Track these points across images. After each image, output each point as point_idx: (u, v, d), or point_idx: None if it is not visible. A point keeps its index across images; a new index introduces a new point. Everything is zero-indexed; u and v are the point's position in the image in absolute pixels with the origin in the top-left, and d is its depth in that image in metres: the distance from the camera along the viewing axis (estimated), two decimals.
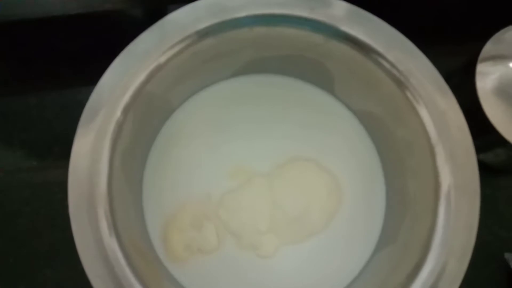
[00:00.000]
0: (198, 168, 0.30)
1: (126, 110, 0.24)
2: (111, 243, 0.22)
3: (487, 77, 0.30)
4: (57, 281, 0.32)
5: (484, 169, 0.25)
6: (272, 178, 0.30)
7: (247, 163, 0.30)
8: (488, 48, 0.30)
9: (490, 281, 0.33)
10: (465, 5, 0.38)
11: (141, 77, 0.24)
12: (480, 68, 0.30)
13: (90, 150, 0.23)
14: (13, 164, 0.34)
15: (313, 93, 0.32)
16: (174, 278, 0.28)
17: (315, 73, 0.30)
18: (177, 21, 0.25)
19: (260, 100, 0.32)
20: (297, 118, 0.31)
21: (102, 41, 0.36)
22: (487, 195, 0.24)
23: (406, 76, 0.25)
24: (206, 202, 0.30)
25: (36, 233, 0.32)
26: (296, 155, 0.31)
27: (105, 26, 0.37)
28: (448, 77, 0.25)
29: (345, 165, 0.31)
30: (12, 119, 0.35)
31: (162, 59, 0.24)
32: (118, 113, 0.23)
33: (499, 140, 0.29)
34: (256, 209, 0.30)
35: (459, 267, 0.23)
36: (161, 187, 0.30)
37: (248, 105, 0.31)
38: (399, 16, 0.26)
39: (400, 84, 0.25)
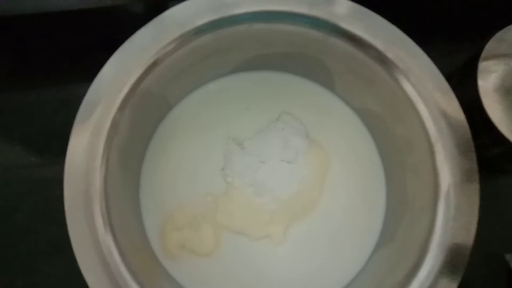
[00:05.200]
0: (196, 166, 0.30)
1: (123, 106, 0.24)
2: (107, 240, 0.22)
3: (489, 76, 0.30)
4: (55, 277, 0.32)
5: (484, 167, 0.25)
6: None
7: None
8: (490, 46, 0.30)
9: (490, 281, 0.33)
10: (467, 4, 0.37)
11: (138, 73, 0.24)
12: (482, 66, 0.30)
13: (87, 146, 0.23)
14: (12, 159, 0.34)
15: (313, 90, 0.32)
16: (170, 275, 0.28)
17: (315, 70, 0.30)
18: (175, 16, 0.25)
19: (259, 97, 0.31)
20: (296, 115, 0.31)
21: (102, 36, 0.36)
22: (487, 194, 0.24)
23: (406, 74, 0.25)
24: (204, 202, 0.29)
25: (34, 229, 0.32)
26: None
27: (105, 21, 0.37)
28: (450, 76, 0.25)
29: (345, 162, 0.31)
30: (11, 114, 0.35)
31: (160, 55, 0.24)
32: (115, 109, 0.23)
33: (500, 138, 0.29)
34: (254, 204, 0.29)
35: (457, 267, 0.23)
36: (158, 185, 0.29)
37: (247, 102, 0.31)
38: (401, 14, 0.26)
39: (400, 82, 0.25)
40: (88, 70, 0.25)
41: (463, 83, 0.29)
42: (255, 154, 0.30)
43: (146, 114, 0.27)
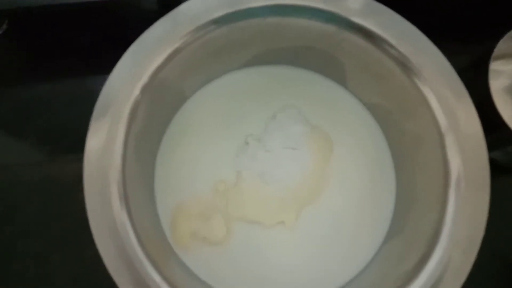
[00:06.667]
0: (209, 157, 0.30)
1: (141, 95, 0.24)
2: (124, 223, 0.22)
3: (500, 75, 0.30)
4: (66, 266, 0.32)
5: (494, 166, 0.25)
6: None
7: None
8: (501, 46, 0.30)
9: (494, 279, 0.33)
10: (479, 3, 0.38)
11: (156, 64, 0.24)
12: (494, 66, 0.30)
13: (107, 131, 0.23)
14: (25, 153, 0.35)
15: (324, 85, 0.32)
16: (183, 262, 0.28)
17: (327, 65, 0.31)
18: (190, 10, 0.25)
19: (271, 91, 0.32)
20: (308, 109, 0.32)
21: (114, 31, 0.36)
22: (496, 193, 0.24)
23: (418, 69, 0.25)
24: (215, 192, 0.30)
25: (46, 221, 0.33)
26: None
27: (117, 16, 0.37)
28: (461, 74, 0.25)
29: (356, 156, 0.31)
30: (23, 108, 0.36)
31: (177, 46, 0.25)
32: (133, 96, 0.24)
33: (511, 137, 0.29)
34: (264, 192, 0.30)
35: (465, 260, 0.23)
36: (172, 174, 0.30)
37: (259, 96, 0.32)
38: (412, 12, 0.26)
39: (412, 76, 0.25)
40: (99, 65, 0.26)
41: (474, 82, 0.29)
42: (260, 145, 0.30)
43: (162, 105, 0.28)
